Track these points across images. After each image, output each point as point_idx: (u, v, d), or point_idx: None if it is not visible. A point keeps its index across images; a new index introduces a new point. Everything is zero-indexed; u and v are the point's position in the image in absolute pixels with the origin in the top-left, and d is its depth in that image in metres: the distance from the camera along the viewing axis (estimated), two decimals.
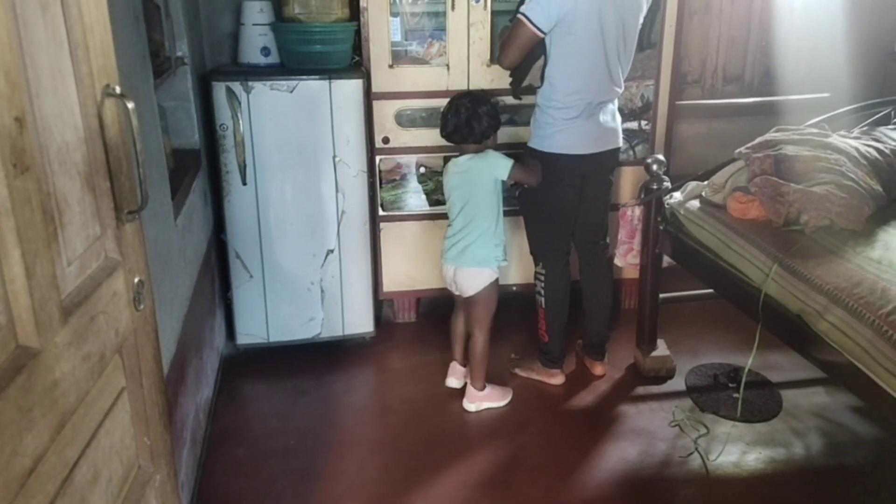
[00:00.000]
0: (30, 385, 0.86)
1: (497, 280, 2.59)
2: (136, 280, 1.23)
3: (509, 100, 2.87)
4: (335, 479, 2.29)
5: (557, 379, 2.82)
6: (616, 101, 2.65)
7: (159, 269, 1.86)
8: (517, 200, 2.75)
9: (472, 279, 2.56)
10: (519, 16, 2.42)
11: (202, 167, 2.75)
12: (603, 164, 2.66)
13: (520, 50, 2.48)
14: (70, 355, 0.96)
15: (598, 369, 2.89)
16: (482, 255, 2.53)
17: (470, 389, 2.68)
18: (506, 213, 2.60)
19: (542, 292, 2.72)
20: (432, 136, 3.04)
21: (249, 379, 2.90)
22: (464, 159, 2.51)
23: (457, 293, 2.65)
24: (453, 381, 2.79)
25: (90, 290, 1.05)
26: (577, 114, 2.51)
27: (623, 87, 2.62)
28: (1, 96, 0.84)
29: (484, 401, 2.67)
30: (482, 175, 2.48)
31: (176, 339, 2.04)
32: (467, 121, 2.46)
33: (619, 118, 2.67)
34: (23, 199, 0.88)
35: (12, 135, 0.86)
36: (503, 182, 2.51)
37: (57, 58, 1.02)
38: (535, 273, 2.75)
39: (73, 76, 1.07)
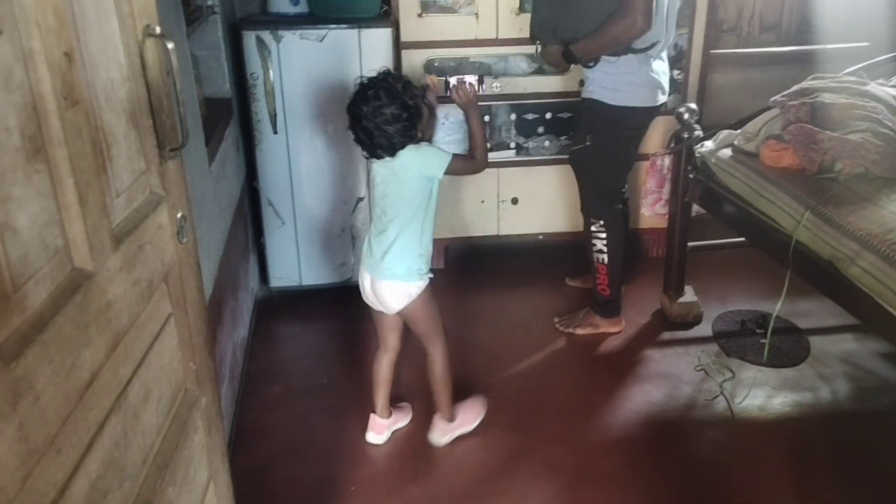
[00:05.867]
0: (86, 304, 0.91)
1: (427, 289, 2.12)
2: (179, 215, 1.28)
3: None
4: (367, 415, 2.37)
5: (620, 326, 2.85)
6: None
7: (196, 213, 1.90)
8: (578, 155, 2.66)
9: (392, 292, 2.08)
10: None
11: (234, 116, 2.79)
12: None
13: None
14: (121, 279, 1.02)
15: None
16: (402, 268, 2.05)
17: (439, 423, 2.28)
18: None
19: (606, 248, 2.71)
20: None
21: (283, 320, 2.99)
22: None
23: (378, 309, 2.16)
24: (373, 437, 2.29)
25: (137, 221, 1.10)
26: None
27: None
28: (50, 31, 0.87)
29: (456, 430, 2.30)
30: (409, 171, 2.00)
31: (213, 279, 2.11)
32: (369, 136, 1.95)
33: None
34: (74, 130, 0.92)
35: (62, 69, 0.89)
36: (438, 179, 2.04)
37: None
38: (593, 232, 2.71)
39: (116, 14, 1.10)
